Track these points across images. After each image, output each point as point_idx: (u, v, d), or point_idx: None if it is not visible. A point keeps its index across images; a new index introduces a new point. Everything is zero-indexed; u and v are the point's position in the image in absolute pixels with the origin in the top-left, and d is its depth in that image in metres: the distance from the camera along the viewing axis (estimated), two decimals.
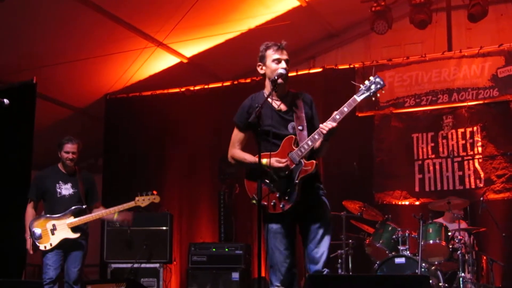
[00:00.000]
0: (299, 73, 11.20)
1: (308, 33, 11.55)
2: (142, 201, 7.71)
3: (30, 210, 7.69)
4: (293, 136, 5.39)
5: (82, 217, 7.54)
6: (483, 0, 10.05)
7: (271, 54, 5.53)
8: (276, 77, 5.38)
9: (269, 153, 5.31)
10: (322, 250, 5.37)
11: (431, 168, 10.50)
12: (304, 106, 5.52)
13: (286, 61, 5.51)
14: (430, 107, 10.63)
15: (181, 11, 9.90)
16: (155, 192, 7.81)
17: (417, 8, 10.40)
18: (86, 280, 8.42)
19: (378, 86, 5.47)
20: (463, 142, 10.37)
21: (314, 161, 5.35)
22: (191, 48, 11.29)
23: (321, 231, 5.38)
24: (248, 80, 11.60)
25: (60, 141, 7.67)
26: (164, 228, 9.83)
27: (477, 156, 10.21)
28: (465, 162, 10.27)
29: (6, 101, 5.88)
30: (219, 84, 11.99)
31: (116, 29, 10.14)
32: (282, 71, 5.43)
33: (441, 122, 10.55)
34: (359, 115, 10.77)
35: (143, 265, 9.54)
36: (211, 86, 12.02)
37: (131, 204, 7.68)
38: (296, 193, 5.30)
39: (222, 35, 10.99)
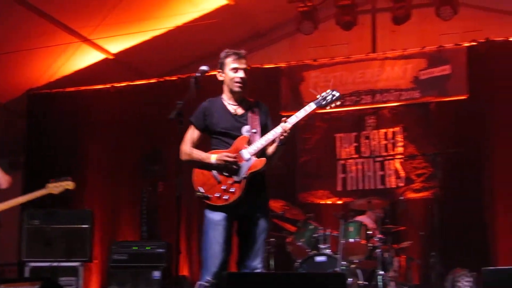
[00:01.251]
0: None
1: (235, 32, 11.53)
2: (55, 187, 7.25)
3: None
4: (247, 136, 5.53)
5: None
6: (407, 3, 10.21)
7: (230, 63, 5.68)
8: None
9: (220, 149, 5.50)
10: (261, 253, 5.51)
11: (353, 167, 10.64)
12: (260, 114, 5.69)
13: (244, 70, 5.69)
14: (354, 108, 10.78)
15: (108, 6, 9.80)
16: (69, 178, 7.36)
17: (343, 9, 10.50)
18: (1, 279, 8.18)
19: (334, 98, 5.72)
20: (385, 142, 10.55)
21: (264, 159, 5.48)
22: (117, 44, 11.17)
23: (263, 236, 5.52)
24: (174, 78, 11.56)
25: None
26: (85, 226, 9.62)
27: (398, 156, 10.41)
28: (387, 162, 10.46)
29: None
30: (145, 81, 11.91)
31: (40, 23, 9.94)
32: (240, 74, 5.66)
33: (364, 122, 10.72)
34: (283, 114, 10.81)
35: (62, 264, 9.29)
36: (136, 83, 11.93)
37: (43, 191, 7.26)
38: (242, 188, 5.38)
39: (148, 32, 10.88)
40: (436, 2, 10.04)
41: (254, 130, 5.56)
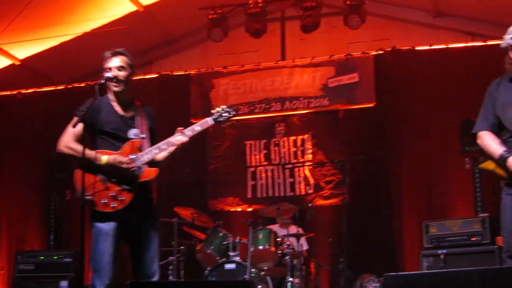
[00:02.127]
0: (135, 78, 11.07)
1: (145, 38, 11.44)
2: None
3: None
4: (138, 141, 5.40)
5: None
6: (315, 12, 10.30)
7: (104, 65, 5.52)
8: (102, 81, 5.39)
9: (109, 151, 5.29)
10: (155, 259, 5.40)
11: (263, 175, 10.69)
12: (146, 117, 5.56)
13: (119, 68, 5.49)
14: (263, 115, 10.86)
15: (14, 11, 9.55)
16: None
17: (253, 17, 10.52)
18: None
19: (230, 115, 5.64)
20: (295, 149, 10.65)
21: (157, 169, 5.39)
22: (24, 50, 10.90)
23: (155, 243, 5.41)
24: (83, 84, 11.40)
25: None
26: None
27: (307, 163, 10.51)
28: (296, 169, 10.56)
29: None
30: (52, 88, 11.68)
31: None
32: (109, 74, 5.43)
33: (274, 129, 10.80)
34: (193, 121, 10.77)
35: None
36: (44, 89, 11.69)
37: None
38: (131, 196, 5.26)
39: (57, 37, 10.67)
40: (344, 11, 10.16)
41: (143, 135, 5.45)
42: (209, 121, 5.58)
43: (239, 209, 10.67)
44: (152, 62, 11.96)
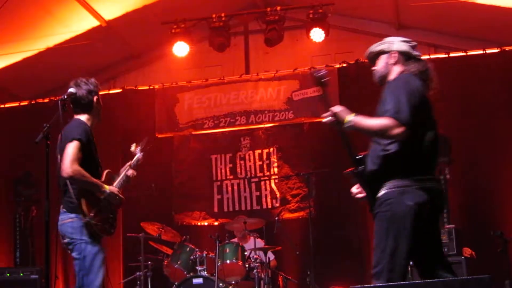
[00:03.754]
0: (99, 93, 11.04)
1: (108, 53, 11.38)
2: None
3: None
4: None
5: None
6: (278, 26, 10.34)
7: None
8: (65, 96, 5.55)
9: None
10: None
11: (229, 188, 10.68)
12: None
13: None
14: (229, 129, 10.84)
15: None
16: None
17: (216, 31, 10.55)
18: None
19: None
20: (260, 163, 10.66)
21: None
22: None
23: None
24: (47, 100, 11.30)
25: None
26: None
27: (273, 177, 10.52)
28: (262, 183, 10.56)
29: None
30: (16, 104, 11.56)
31: None
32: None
33: (239, 143, 10.80)
34: (159, 136, 10.80)
35: None
36: (7, 105, 11.56)
37: None
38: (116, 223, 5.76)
39: (19, 53, 10.57)
40: (307, 25, 10.22)
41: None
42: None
43: (205, 223, 10.64)
44: (115, 77, 11.91)
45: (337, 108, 4.73)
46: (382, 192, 4.62)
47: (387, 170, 4.63)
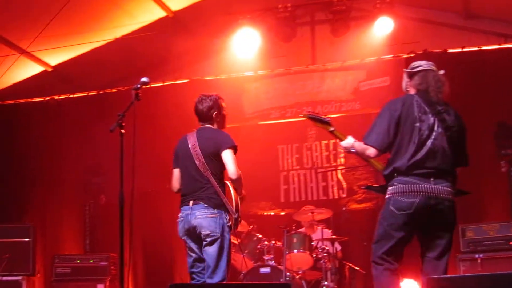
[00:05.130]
0: (166, 83, 11.17)
1: (175, 44, 11.43)
2: None
3: None
4: None
5: None
6: (345, 16, 10.29)
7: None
8: (138, 85, 5.77)
9: None
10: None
11: (295, 179, 10.67)
12: None
13: None
14: (295, 119, 10.79)
15: (46, 19, 9.60)
16: None
17: (282, 21, 10.54)
18: None
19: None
20: (327, 153, 10.61)
21: None
22: (56, 56, 10.96)
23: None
24: (114, 90, 11.45)
25: None
26: (27, 239, 9.55)
27: (339, 167, 10.47)
28: (329, 173, 10.51)
29: None
30: (85, 94, 11.73)
31: None
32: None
33: (306, 133, 10.75)
34: (226, 126, 10.79)
35: (4, 278, 9.23)
36: (76, 95, 11.74)
37: None
38: None
39: (87, 44, 10.73)
40: (374, 14, 10.14)
41: None
42: None
43: (272, 213, 10.66)
44: (182, 67, 11.97)
45: (344, 144, 5.87)
46: None
47: None
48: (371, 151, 5.35)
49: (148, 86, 5.77)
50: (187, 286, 5.37)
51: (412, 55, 10.40)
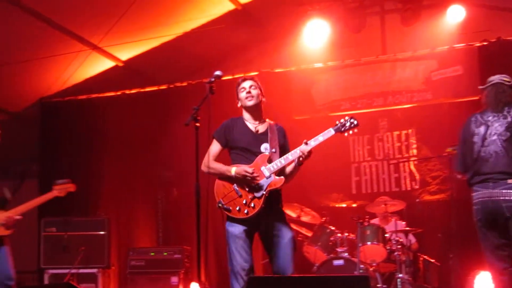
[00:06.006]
0: (235, 76, 11.18)
1: (243, 37, 11.48)
2: (59, 190, 7.41)
3: None
4: (267, 154, 5.93)
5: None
6: (415, 4, 10.18)
7: (238, 88, 6.21)
8: (212, 79, 5.81)
9: (242, 164, 5.92)
10: (288, 258, 5.98)
11: (367, 170, 10.59)
12: (278, 134, 6.15)
13: (252, 86, 6.17)
14: (366, 110, 10.70)
15: (116, 14, 9.76)
16: (69, 181, 7.50)
17: (351, 12, 10.48)
18: (22, 287, 8.17)
19: (352, 125, 6.23)
20: (399, 144, 10.50)
21: (283, 178, 5.86)
22: (127, 51, 11.13)
23: (290, 244, 5.96)
24: (185, 84, 11.53)
25: None
26: (102, 232, 9.74)
27: (412, 158, 10.34)
28: (401, 164, 10.39)
29: None
30: (155, 88, 11.86)
31: (51, 33, 9.87)
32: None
33: (377, 125, 10.65)
34: (296, 118, 10.80)
35: (81, 271, 9.44)
36: (147, 89, 11.88)
37: (50, 195, 7.37)
38: (261, 203, 5.76)
39: (157, 38, 10.85)
40: (445, 2, 9.99)
41: (273, 150, 5.98)
42: (331, 131, 6.22)
43: (343, 205, 10.59)
44: (251, 60, 11.99)
45: None
46: None
47: None
48: None
49: (221, 79, 5.82)
50: (266, 279, 5.38)
51: (485, 43, 10.22)
